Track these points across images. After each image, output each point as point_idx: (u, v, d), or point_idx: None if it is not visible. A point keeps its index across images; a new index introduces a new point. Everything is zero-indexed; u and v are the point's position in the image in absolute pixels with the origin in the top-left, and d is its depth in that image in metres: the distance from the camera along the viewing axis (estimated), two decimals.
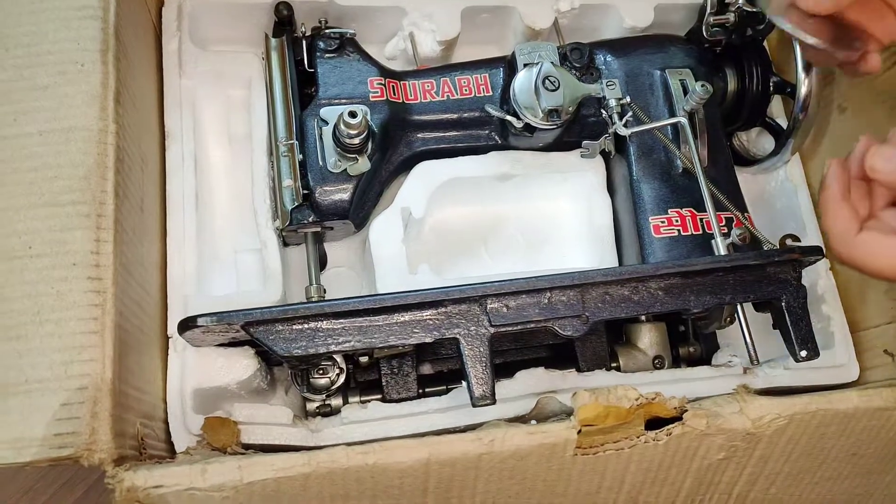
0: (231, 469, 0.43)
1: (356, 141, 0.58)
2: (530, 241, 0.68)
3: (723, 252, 0.56)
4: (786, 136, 0.65)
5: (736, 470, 0.52)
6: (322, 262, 0.64)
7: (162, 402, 0.53)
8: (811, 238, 0.66)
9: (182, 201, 0.59)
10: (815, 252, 0.55)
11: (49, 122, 0.46)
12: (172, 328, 0.55)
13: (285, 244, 0.63)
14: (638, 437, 0.48)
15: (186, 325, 0.49)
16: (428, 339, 0.50)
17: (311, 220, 0.59)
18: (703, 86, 0.59)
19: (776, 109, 0.71)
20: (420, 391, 0.59)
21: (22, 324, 0.42)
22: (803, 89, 0.62)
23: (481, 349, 0.50)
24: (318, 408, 0.57)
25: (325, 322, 0.49)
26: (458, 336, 0.50)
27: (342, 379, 0.56)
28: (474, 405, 0.49)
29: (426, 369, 0.62)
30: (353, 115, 0.57)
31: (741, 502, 0.55)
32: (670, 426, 0.49)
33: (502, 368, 0.58)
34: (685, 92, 0.62)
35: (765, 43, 0.68)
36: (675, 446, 0.49)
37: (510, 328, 0.51)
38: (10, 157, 0.46)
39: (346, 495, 0.46)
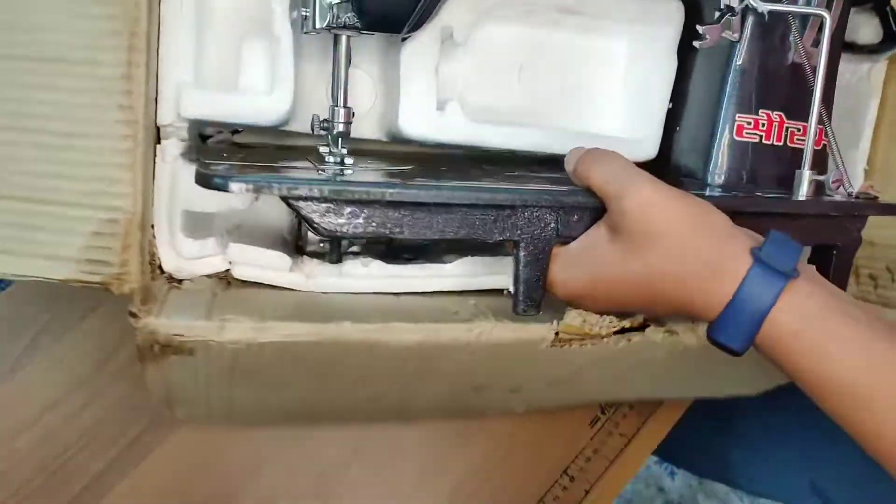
0: (246, 329, 0.43)
1: None
2: (565, 87, 0.61)
3: (806, 188, 0.53)
4: None
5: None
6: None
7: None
8: (863, 144, 0.65)
9: None
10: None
11: None
12: (162, 119, 0.49)
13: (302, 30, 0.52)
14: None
15: (214, 182, 0.41)
16: (487, 239, 0.47)
17: (353, 23, 0.48)
18: None
19: None
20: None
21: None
22: None
23: (539, 256, 0.48)
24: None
25: (379, 209, 0.45)
26: (519, 239, 0.48)
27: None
28: (519, 314, 0.48)
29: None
30: None
31: None
32: (631, 333, 0.53)
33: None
34: None
35: None
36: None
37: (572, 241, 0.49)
38: None
39: (344, 363, 0.48)
